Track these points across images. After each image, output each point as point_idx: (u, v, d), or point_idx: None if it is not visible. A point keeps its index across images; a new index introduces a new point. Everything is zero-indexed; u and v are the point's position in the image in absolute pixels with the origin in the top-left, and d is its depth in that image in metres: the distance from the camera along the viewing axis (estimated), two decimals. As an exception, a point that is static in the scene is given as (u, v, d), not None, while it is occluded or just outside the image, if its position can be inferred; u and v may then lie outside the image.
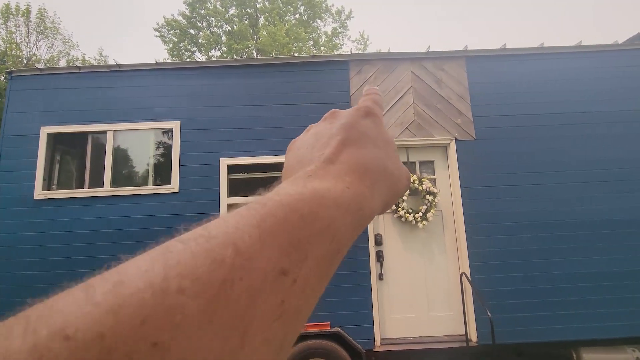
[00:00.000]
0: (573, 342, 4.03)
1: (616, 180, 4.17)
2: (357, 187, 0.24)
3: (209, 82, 4.34)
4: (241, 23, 17.66)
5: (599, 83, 4.38)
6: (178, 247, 0.16)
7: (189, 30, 17.16)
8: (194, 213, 3.96)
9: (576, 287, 3.98)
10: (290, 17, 19.90)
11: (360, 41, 21.69)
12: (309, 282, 0.18)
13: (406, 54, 4.57)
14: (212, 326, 0.14)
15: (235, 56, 17.35)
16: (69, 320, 0.12)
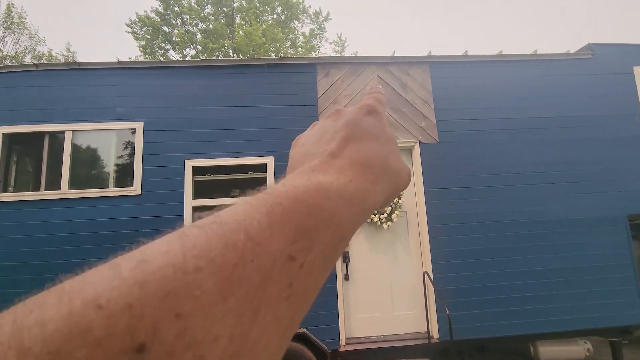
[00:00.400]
0: (530, 335, 4.23)
1: (568, 182, 4.41)
2: (359, 181, 0.25)
3: (174, 82, 4.28)
4: (217, 22, 17.43)
5: (552, 90, 4.62)
6: (194, 232, 0.17)
7: (162, 28, 16.76)
8: (157, 216, 3.89)
9: (531, 284, 4.17)
10: (268, 17, 19.80)
11: (338, 43, 21.85)
12: (314, 267, 0.19)
13: (372, 59, 4.66)
14: (227, 303, 0.15)
15: (212, 55, 17.09)
16: (100, 292, 0.13)
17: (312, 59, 4.61)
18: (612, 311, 4.22)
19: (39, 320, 0.12)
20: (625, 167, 4.52)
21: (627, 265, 4.31)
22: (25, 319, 0.12)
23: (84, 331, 0.12)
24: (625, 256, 4.32)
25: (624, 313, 4.23)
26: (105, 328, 0.12)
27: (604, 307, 4.21)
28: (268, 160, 4.16)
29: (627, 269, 4.31)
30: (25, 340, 0.12)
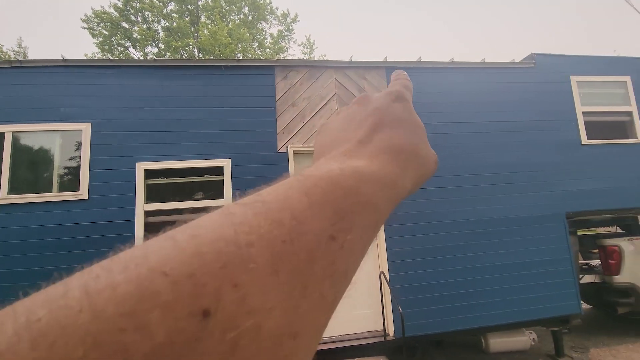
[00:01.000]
0: (480, 329, 4.45)
1: (513, 182, 4.70)
2: (391, 166, 0.25)
3: (126, 82, 4.12)
4: (181, 20, 16.93)
5: (499, 96, 4.91)
6: (239, 210, 0.17)
7: (121, 24, 16.05)
8: (106, 221, 3.72)
9: (480, 280, 4.40)
10: (234, 17, 19.51)
11: (306, 45, 21.92)
12: (354, 248, 0.20)
13: (330, 62, 4.73)
14: (279, 277, 0.16)
15: (176, 54, 16.59)
16: (162, 260, 0.14)
17: (270, 62, 4.60)
18: (553, 302, 4.53)
19: (108, 285, 0.13)
20: (564, 169, 4.88)
21: (565, 259, 4.66)
22: (94, 283, 0.13)
23: (154, 294, 0.13)
24: (563, 251, 4.66)
25: (563, 304, 4.56)
26: (173, 293, 0.13)
27: (546, 299, 4.52)
28: (225, 162, 4.11)
29: (565, 263, 4.65)
30: (98, 303, 0.12)
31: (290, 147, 4.33)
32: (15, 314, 0.12)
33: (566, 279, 4.63)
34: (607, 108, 5.29)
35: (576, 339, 5.39)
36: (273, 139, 4.31)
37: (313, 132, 4.45)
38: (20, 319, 0.12)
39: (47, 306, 0.12)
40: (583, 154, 5.00)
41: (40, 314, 0.12)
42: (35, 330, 0.11)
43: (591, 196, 4.87)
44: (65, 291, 0.13)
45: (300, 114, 4.47)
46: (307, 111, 4.49)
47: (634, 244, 5.18)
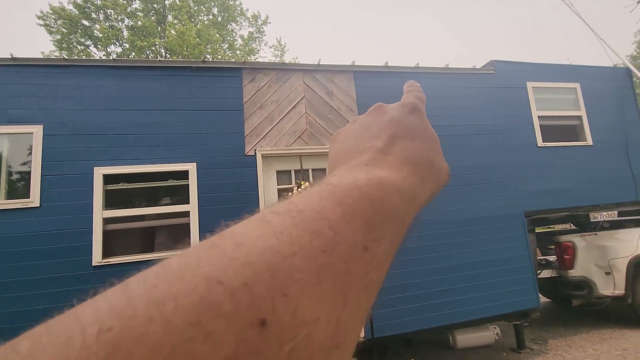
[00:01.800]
0: (448, 326, 4.57)
1: (476, 184, 4.89)
2: (411, 178, 0.26)
3: (82, 82, 3.90)
4: (146, 19, 16.37)
5: (461, 100, 5.10)
6: (276, 219, 0.17)
7: (81, 21, 15.29)
8: (61, 230, 3.50)
9: (446, 278, 4.53)
10: (203, 17, 19.12)
11: (277, 47, 21.84)
12: (383, 259, 0.20)
13: (298, 65, 4.73)
14: (321, 287, 0.16)
15: (141, 54, 16.00)
16: (216, 270, 0.14)
17: (237, 64, 4.53)
18: (514, 298, 4.75)
19: (170, 294, 0.13)
20: (522, 170, 5.14)
21: (525, 256, 4.89)
22: (155, 293, 0.13)
23: (215, 305, 0.13)
24: (522, 248, 4.90)
25: (523, 299, 4.79)
26: (232, 303, 0.13)
27: (507, 295, 4.72)
28: (190, 166, 3.99)
29: (524, 259, 4.89)
30: (165, 313, 0.12)
31: (259, 150, 4.27)
32: (81, 323, 0.12)
33: (525, 274, 4.86)
34: (560, 112, 5.63)
35: (536, 332, 5.67)
36: (241, 142, 4.24)
37: (282, 136, 4.43)
38: (89, 329, 0.12)
39: (114, 315, 0.12)
40: (539, 156, 5.29)
41: (110, 324, 0.12)
42: (108, 342, 0.11)
43: (547, 196, 5.16)
44: (128, 299, 0.13)
45: (269, 117, 4.43)
46: (275, 114, 4.46)
47: (585, 240, 5.53)
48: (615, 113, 5.85)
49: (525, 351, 4.92)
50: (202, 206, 3.92)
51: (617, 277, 5.30)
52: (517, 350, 4.97)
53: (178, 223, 3.90)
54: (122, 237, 3.86)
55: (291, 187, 4.40)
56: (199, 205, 3.92)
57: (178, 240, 3.87)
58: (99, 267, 3.54)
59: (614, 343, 4.94)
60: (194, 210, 3.90)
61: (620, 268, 5.31)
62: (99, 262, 3.54)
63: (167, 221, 3.92)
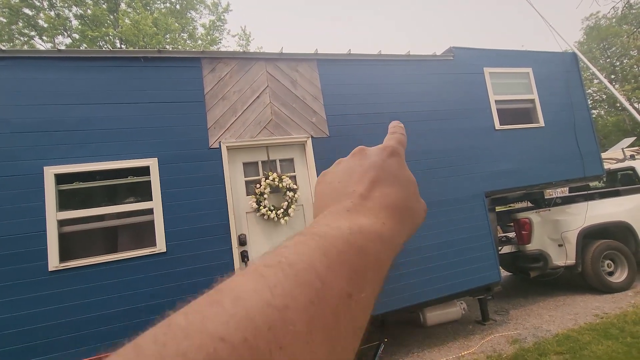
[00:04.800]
0: (417, 305, 4.76)
1: (438, 167, 5.06)
2: (390, 224, 0.27)
3: (23, 75, 3.60)
4: (96, 7, 15.33)
5: (422, 86, 5.22)
6: (268, 272, 0.18)
7: (23, 10, 14.08)
8: (10, 235, 3.27)
9: (414, 260, 4.69)
10: (159, 5, 18.20)
11: (242, 37, 21.25)
12: (367, 304, 0.21)
13: (261, 54, 4.63)
14: (313, 337, 0.17)
15: (93, 45, 15.03)
16: (217, 326, 0.15)
17: (196, 53, 4.36)
18: (477, 274, 5.01)
19: (179, 352, 0.14)
20: (481, 152, 5.37)
21: (486, 234, 5.16)
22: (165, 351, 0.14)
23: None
24: (484, 227, 5.16)
25: (486, 274, 5.07)
26: (235, 358, 0.14)
27: (471, 272, 4.98)
28: (151, 162, 3.83)
29: (486, 237, 5.15)
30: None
31: (223, 142, 4.17)
32: None
33: (487, 251, 5.14)
34: (514, 96, 5.91)
35: (498, 304, 6.03)
36: (204, 135, 4.12)
37: (246, 127, 4.34)
38: None
39: None
40: (497, 138, 5.54)
41: None
42: None
43: (505, 176, 5.44)
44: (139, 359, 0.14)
45: (232, 108, 4.32)
46: (238, 105, 4.36)
47: (540, 216, 5.91)
48: (564, 95, 6.23)
49: (489, 322, 5.24)
50: (166, 202, 3.79)
51: (569, 248, 5.73)
52: (482, 322, 5.27)
53: (142, 221, 3.75)
54: (82, 239, 3.67)
55: (259, 178, 4.35)
56: (162, 202, 3.78)
57: (143, 238, 3.73)
58: (56, 272, 3.34)
59: (567, 309, 5.36)
60: (157, 207, 3.77)
61: (571, 240, 5.73)
62: (56, 267, 3.35)
63: (131, 220, 3.76)
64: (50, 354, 3.22)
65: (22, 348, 3.16)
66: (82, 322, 3.36)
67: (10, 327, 3.16)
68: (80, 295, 3.39)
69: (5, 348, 3.12)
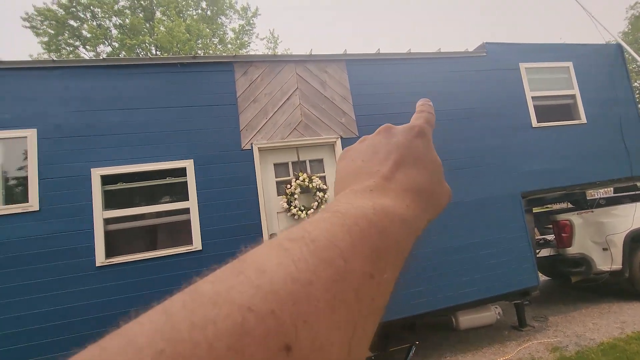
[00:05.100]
0: (450, 308, 4.65)
1: (472, 167, 4.92)
2: (413, 207, 0.27)
3: (73, 84, 3.87)
4: (134, 16, 16.13)
5: (454, 84, 5.09)
6: (292, 246, 0.18)
7: (69, 22, 15.06)
8: (61, 232, 3.52)
9: (447, 261, 4.59)
10: (192, 12, 18.85)
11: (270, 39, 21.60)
12: (388, 285, 0.21)
13: (290, 57, 4.70)
14: (335, 315, 0.17)
15: (131, 52, 15.81)
16: (245, 297, 0.15)
17: (228, 57, 4.50)
18: (514, 277, 4.82)
19: (209, 320, 0.14)
20: (517, 151, 5.16)
21: (523, 236, 4.95)
22: (196, 318, 0.14)
23: (249, 331, 0.14)
24: (520, 228, 4.96)
25: (523, 277, 4.87)
26: (262, 329, 0.14)
27: (508, 275, 4.79)
28: (187, 163, 4.00)
29: (523, 239, 4.95)
30: (208, 337, 0.13)
31: (255, 144, 4.28)
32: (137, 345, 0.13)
33: (524, 254, 4.93)
34: (553, 92, 5.64)
35: (536, 309, 5.77)
36: (236, 137, 4.24)
37: (277, 128, 4.43)
38: (146, 351, 0.13)
39: (164, 338, 0.13)
40: (534, 136, 5.31)
41: (162, 346, 0.13)
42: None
43: (543, 176, 5.20)
44: (173, 323, 0.14)
45: (263, 110, 4.42)
46: (269, 107, 4.45)
47: (582, 218, 5.60)
48: (608, 90, 5.87)
49: (526, 329, 5.02)
50: (202, 202, 3.94)
51: (615, 252, 5.38)
52: (519, 328, 5.06)
53: (179, 220, 3.92)
54: (125, 236, 3.89)
55: (289, 179, 4.42)
56: (198, 201, 3.94)
57: (180, 237, 3.90)
58: (102, 268, 3.57)
59: (613, 317, 5.04)
60: (193, 206, 3.92)
61: (617, 243, 5.38)
62: (102, 263, 3.57)
63: (168, 219, 3.95)
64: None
65: (69, 339, 3.38)
66: (125, 316, 3.55)
67: (60, 319, 3.40)
68: (123, 290, 3.59)
69: (55, 338, 3.36)
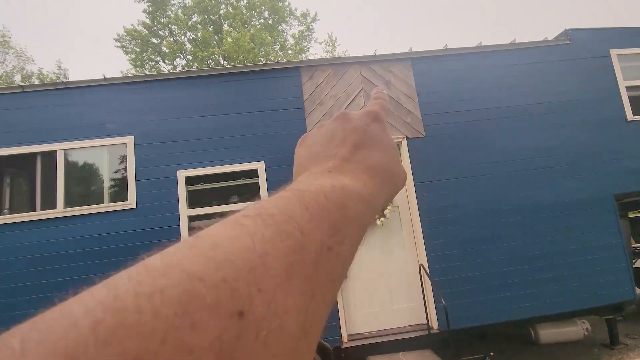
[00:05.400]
0: (529, 319, 4.30)
1: (554, 166, 4.50)
2: (370, 185, 0.28)
3: (160, 95, 4.35)
4: (205, 30, 17.48)
5: (532, 77, 4.71)
6: (248, 222, 0.19)
7: (151, 40, 16.82)
8: (153, 227, 3.96)
9: (526, 269, 4.25)
10: (255, 22, 19.85)
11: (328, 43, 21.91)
12: (345, 257, 0.22)
13: (355, 58, 4.74)
14: (292, 283, 0.17)
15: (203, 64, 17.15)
16: (197, 267, 0.15)
17: (295, 63, 4.69)
18: (606, 289, 4.30)
19: (156, 289, 0.14)
20: (608, 148, 4.61)
21: (617, 243, 4.40)
22: (141, 288, 0.14)
23: (199, 297, 0.14)
24: (614, 235, 4.41)
25: (617, 290, 4.32)
26: (214, 296, 0.14)
27: (598, 286, 4.29)
28: (259, 165, 4.24)
29: (617, 247, 4.39)
30: (154, 305, 0.13)
31: (321, 145, 4.39)
32: (72, 317, 0.12)
33: (618, 264, 4.38)
34: (654, 80, 4.93)
35: (631, 326, 5.09)
36: (303, 139, 4.39)
37: (342, 130, 4.49)
38: (82, 322, 0.12)
39: (104, 309, 0.13)
40: (629, 131, 4.70)
41: (102, 316, 0.12)
42: (102, 332, 0.12)
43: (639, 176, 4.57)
44: (116, 295, 0.13)
45: (328, 112, 4.52)
46: (334, 109, 4.54)
47: (694, 224, 4.81)
48: None
49: (619, 347, 4.46)
50: (272, 202, 4.14)
51: None
52: (610, 346, 4.52)
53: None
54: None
55: (354, 179, 4.45)
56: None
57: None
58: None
59: None
60: (264, 206, 4.15)
61: None
62: (186, 256, 3.94)
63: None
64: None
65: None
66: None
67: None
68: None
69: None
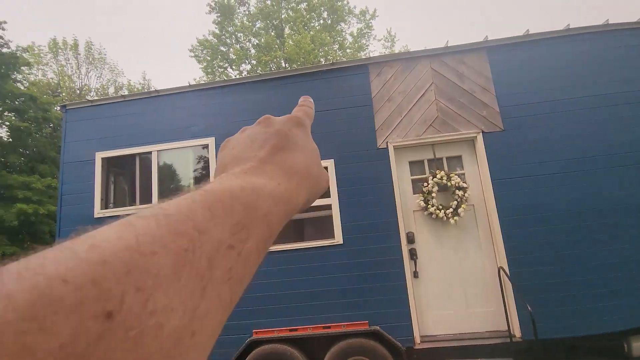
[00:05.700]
0: (623, 332, 3.81)
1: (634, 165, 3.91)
2: (286, 185, 0.29)
3: (236, 98, 4.65)
4: (267, 35, 18.25)
5: (625, 62, 4.12)
6: (140, 222, 0.18)
7: (220, 48, 18.04)
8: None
9: (622, 276, 3.76)
10: (315, 23, 20.21)
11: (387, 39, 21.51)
12: (250, 256, 0.22)
13: (425, 52, 4.58)
14: (181, 281, 0.17)
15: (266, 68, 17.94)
16: (62, 269, 0.14)
17: (363, 60, 4.67)
18: None
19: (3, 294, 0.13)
20: None
21: None
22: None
23: (56, 300, 0.13)
24: None
25: None
26: (76, 298, 0.13)
27: None
28: (329, 162, 4.31)
29: None
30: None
31: (390, 142, 4.33)
32: None
33: None
34: None
35: None
36: (372, 136, 4.37)
37: (412, 126, 4.38)
38: None
39: None
40: None
41: None
42: None
43: None
44: None
45: (397, 108, 4.44)
46: (404, 105, 4.44)
47: None
48: None
49: None
50: (342, 199, 4.19)
51: None
52: None
53: (323, 215, 4.27)
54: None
55: (425, 177, 4.31)
56: (339, 198, 4.21)
57: (324, 230, 4.25)
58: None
59: None
60: (335, 203, 4.21)
61: None
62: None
63: (315, 213, 4.34)
64: (247, 319, 4.03)
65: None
66: (273, 298, 4.06)
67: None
68: (273, 275, 4.10)
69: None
